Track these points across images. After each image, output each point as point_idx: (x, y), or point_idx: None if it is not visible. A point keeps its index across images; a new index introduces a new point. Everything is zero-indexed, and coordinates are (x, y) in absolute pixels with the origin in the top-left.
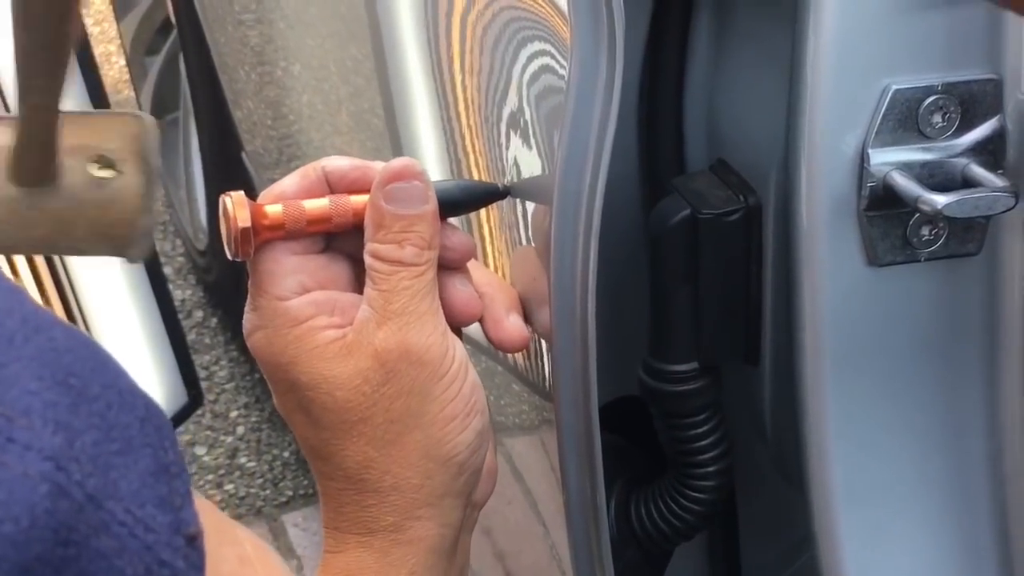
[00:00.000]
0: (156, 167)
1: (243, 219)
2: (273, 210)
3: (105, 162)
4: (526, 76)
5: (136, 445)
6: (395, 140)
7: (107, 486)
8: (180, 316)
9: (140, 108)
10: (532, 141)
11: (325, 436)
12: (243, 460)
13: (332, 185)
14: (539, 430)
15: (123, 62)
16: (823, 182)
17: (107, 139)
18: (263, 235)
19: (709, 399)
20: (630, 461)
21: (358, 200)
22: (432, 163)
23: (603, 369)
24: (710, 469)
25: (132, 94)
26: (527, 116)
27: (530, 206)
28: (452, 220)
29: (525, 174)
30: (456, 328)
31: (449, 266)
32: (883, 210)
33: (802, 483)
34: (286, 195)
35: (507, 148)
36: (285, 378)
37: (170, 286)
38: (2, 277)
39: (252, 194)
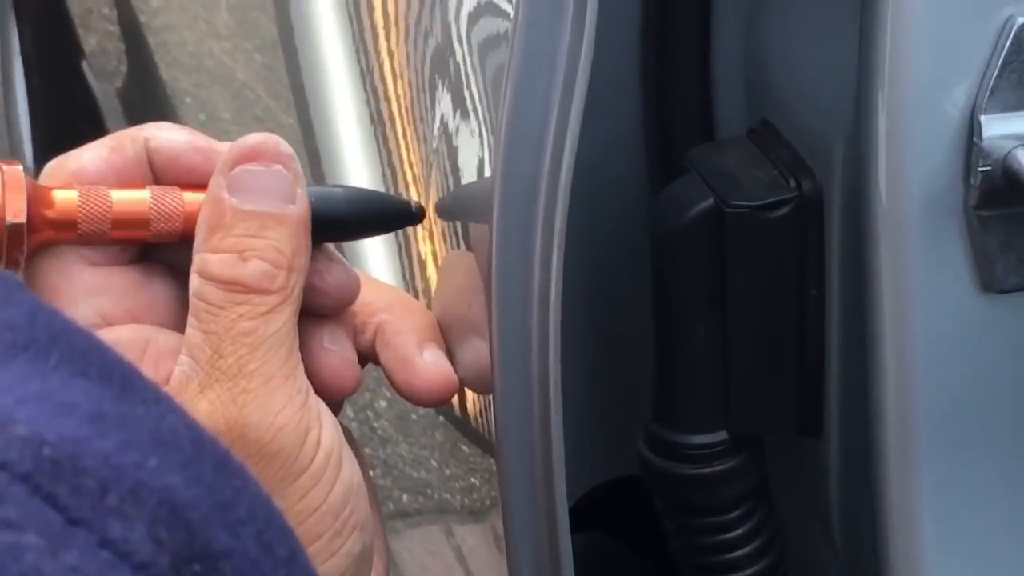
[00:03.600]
0: None
1: (14, 209)
2: (63, 198)
3: None
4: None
5: None
6: (292, 61)
7: None
8: None
9: None
10: (471, 107)
11: None
12: None
13: (158, 171)
14: (491, 515)
15: None
16: (914, 163)
17: None
18: (43, 234)
19: (747, 487)
20: (624, 573)
21: (193, 199)
22: (340, 114)
23: (581, 440)
24: None
25: None
26: (465, 68)
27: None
28: (332, 246)
29: (463, 158)
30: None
31: (319, 313)
32: (1003, 208)
33: None
34: (85, 175)
35: (437, 118)
36: None
37: None
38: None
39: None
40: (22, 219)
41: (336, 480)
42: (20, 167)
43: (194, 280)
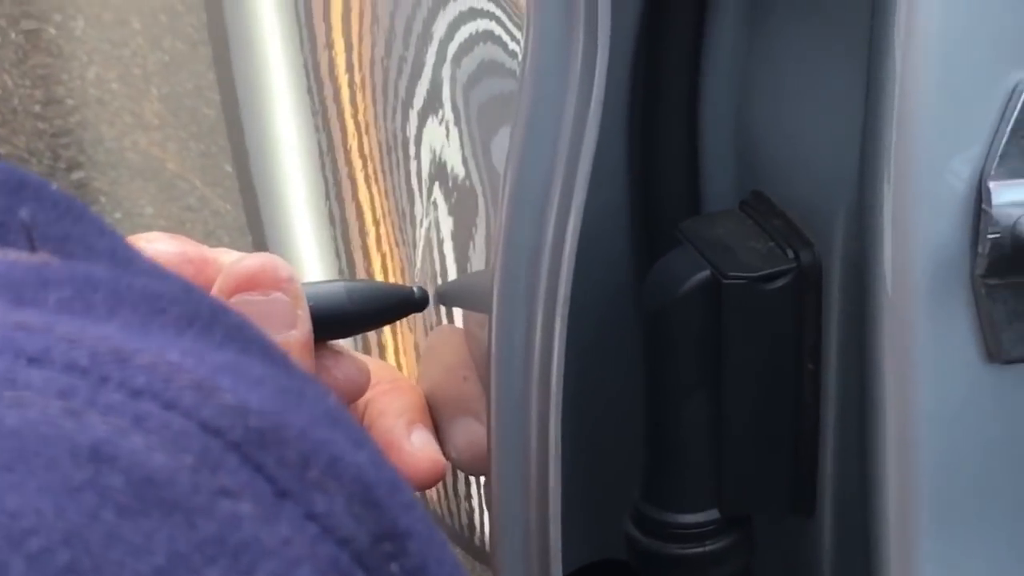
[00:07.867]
0: None
1: None
2: None
3: None
4: (451, 50)
5: None
6: (239, 150)
7: None
8: None
9: None
10: (463, 163)
11: None
12: None
13: None
14: None
15: None
16: (921, 231)
17: None
18: None
19: (737, 567)
20: None
21: None
22: (303, 192)
23: (571, 520)
24: None
25: None
26: (453, 114)
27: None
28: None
29: (455, 226)
30: None
31: None
32: (1010, 276)
33: None
34: None
35: (424, 184)
36: None
37: None
38: None
39: None
40: None
41: None
42: None
43: None
